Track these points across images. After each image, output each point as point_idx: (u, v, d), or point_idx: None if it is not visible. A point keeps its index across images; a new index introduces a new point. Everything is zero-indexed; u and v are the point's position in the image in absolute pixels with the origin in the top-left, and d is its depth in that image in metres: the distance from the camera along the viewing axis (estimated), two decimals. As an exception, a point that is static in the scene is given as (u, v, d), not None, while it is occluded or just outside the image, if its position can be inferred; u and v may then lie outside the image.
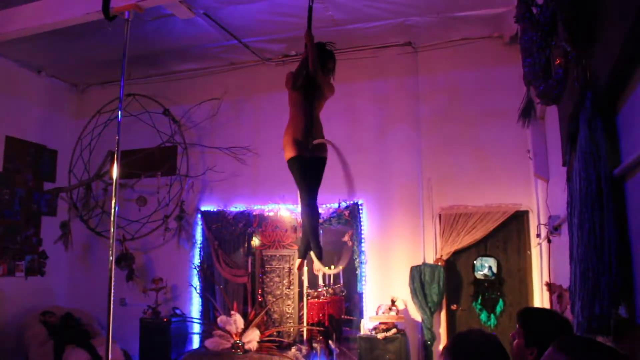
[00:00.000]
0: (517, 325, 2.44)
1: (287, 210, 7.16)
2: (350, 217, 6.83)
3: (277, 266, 7.32)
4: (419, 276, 6.37)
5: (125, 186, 7.94)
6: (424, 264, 6.47)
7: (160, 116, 7.95)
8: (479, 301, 6.39)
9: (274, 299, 7.16)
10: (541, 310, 3.20)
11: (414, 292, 6.37)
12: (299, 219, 7.01)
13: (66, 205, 8.20)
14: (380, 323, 6.29)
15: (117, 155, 3.87)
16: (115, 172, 3.87)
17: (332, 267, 4.20)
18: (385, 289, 6.63)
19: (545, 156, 5.06)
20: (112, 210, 3.79)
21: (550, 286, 4.99)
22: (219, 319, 6.84)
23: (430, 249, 6.58)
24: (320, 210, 6.94)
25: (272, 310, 7.18)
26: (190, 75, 8.03)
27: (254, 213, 7.35)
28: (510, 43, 6.37)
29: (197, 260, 7.61)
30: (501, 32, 6.46)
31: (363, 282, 6.80)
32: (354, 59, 7.09)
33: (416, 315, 6.49)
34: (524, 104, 5.12)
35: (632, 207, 2.14)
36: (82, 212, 8.14)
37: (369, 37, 6.82)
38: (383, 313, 6.36)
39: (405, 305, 6.54)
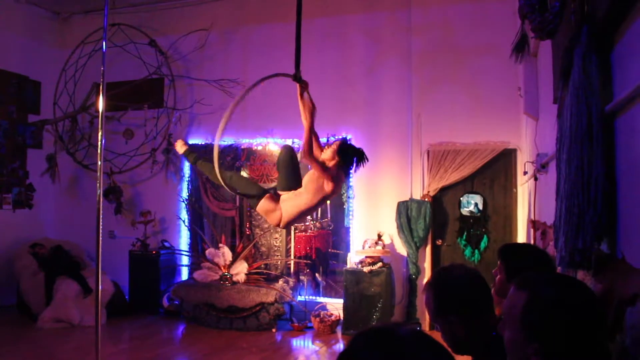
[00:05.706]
0: (498, 261, 2.48)
1: (275, 144, 7.12)
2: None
3: (265, 200, 7.34)
4: (405, 211, 6.44)
5: (111, 119, 7.82)
6: (411, 199, 6.54)
7: (147, 47, 7.74)
8: (464, 237, 6.51)
9: (262, 232, 7.24)
10: (522, 245, 3.26)
11: (400, 227, 6.47)
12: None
13: (52, 138, 8.09)
14: (366, 257, 6.41)
15: (102, 87, 3.80)
16: (101, 104, 3.81)
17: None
18: (372, 224, 6.72)
19: (536, 94, 5.01)
20: (99, 143, 3.76)
21: (534, 223, 5.08)
22: (207, 252, 6.93)
23: (418, 185, 6.63)
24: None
25: (260, 243, 7.27)
26: (177, 5, 7.76)
27: (242, 147, 7.32)
28: (506, -24, 6.19)
29: (185, 194, 7.64)
30: (497, -36, 6.26)
31: (350, 217, 6.89)
32: (346, -10, 6.90)
33: (402, 249, 6.62)
34: (517, 38, 5.02)
35: (621, 144, 2.14)
36: (68, 144, 8.05)
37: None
38: (369, 247, 6.47)
39: (392, 240, 6.66)
